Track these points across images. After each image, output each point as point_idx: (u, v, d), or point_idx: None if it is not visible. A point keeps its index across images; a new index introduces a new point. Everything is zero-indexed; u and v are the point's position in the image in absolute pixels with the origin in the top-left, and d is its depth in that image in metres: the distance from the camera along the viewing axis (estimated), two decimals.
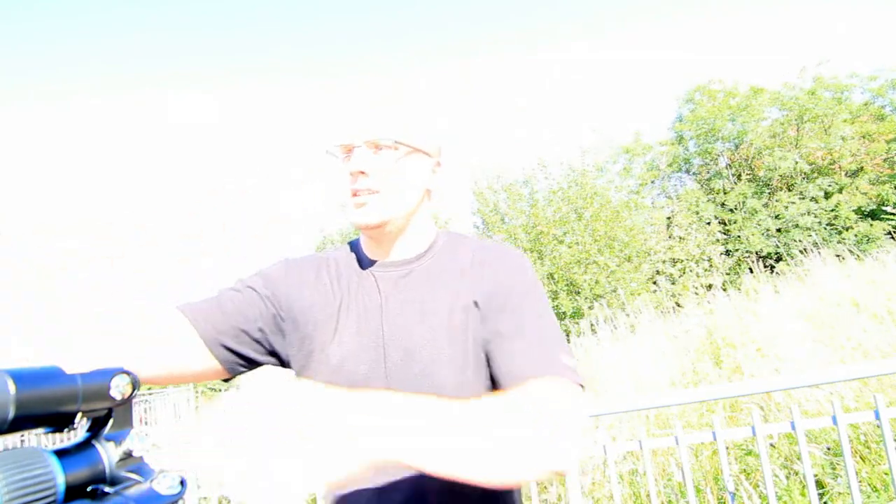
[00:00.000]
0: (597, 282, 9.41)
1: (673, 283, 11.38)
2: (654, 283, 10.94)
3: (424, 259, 0.87)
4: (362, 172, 0.80)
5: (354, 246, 0.93)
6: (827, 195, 15.66)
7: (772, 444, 2.86)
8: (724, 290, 6.96)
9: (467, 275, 0.83)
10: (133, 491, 0.39)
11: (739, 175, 17.05)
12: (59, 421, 0.38)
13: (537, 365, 0.71)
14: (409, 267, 0.86)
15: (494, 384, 0.79)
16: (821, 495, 2.54)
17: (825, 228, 14.91)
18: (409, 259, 0.87)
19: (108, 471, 0.40)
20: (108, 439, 0.41)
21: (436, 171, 0.89)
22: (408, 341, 0.80)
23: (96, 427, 0.42)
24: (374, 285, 0.85)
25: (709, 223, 14.81)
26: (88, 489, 0.39)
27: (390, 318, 0.82)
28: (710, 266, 12.39)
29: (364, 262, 0.88)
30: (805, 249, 6.92)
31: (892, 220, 11.75)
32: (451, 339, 0.79)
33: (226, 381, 0.86)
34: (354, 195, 0.81)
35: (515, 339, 0.75)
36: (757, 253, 14.58)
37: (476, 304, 0.80)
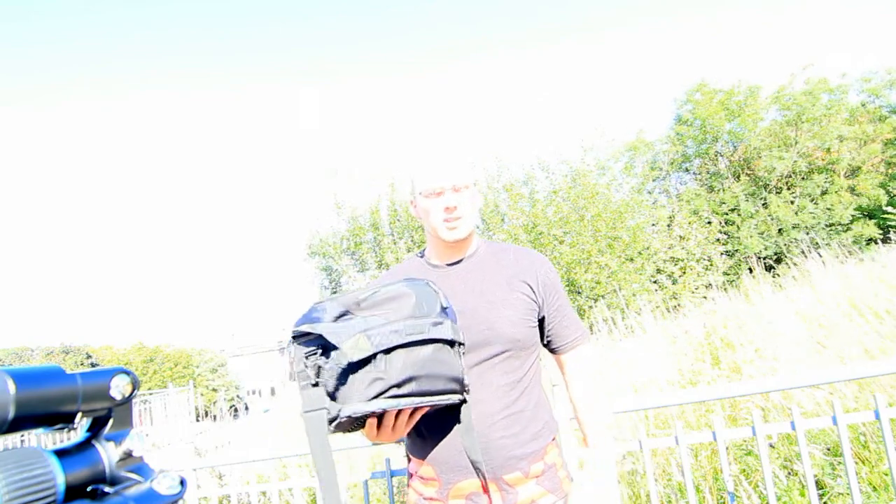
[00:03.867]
0: (598, 282, 9.39)
1: (674, 283, 11.35)
2: (655, 282, 10.92)
3: (474, 257, 1.29)
4: (455, 207, 1.18)
5: (420, 256, 1.34)
6: (825, 194, 15.66)
7: (771, 445, 2.86)
8: (724, 290, 6.96)
9: (520, 264, 1.26)
10: (133, 491, 0.39)
11: (738, 175, 17.04)
12: (59, 421, 0.38)
13: (578, 333, 1.30)
14: (470, 262, 1.28)
15: (541, 334, 1.29)
16: (821, 496, 2.53)
17: (824, 228, 14.90)
18: (468, 256, 1.28)
19: (108, 471, 0.40)
20: (108, 439, 0.41)
21: (479, 193, 1.34)
22: (475, 306, 1.19)
23: (96, 427, 0.42)
24: (447, 276, 1.26)
25: (709, 223, 14.79)
26: (88, 489, 0.39)
27: (459, 294, 1.21)
28: (711, 265, 12.36)
29: (437, 264, 1.29)
30: (807, 250, 6.92)
31: (891, 219, 11.72)
32: (508, 304, 1.20)
33: None
34: (447, 221, 1.20)
35: (564, 316, 1.28)
36: (756, 254, 14.57)
37: (528, 284, 1.23)
